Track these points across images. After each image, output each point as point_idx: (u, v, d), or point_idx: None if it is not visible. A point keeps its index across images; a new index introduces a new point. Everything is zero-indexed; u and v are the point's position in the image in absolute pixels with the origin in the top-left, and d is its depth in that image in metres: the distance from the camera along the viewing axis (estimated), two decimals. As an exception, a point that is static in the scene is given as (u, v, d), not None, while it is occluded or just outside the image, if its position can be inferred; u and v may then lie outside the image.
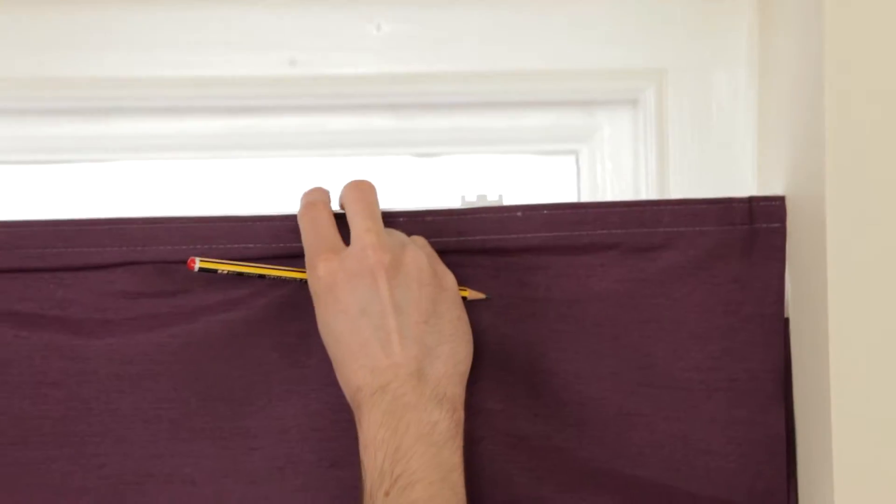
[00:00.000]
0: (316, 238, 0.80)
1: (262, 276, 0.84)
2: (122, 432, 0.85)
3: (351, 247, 0.79)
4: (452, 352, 0.79)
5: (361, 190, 0.81)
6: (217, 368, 0.86)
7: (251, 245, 0.85)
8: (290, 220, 0.84)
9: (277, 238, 0.85)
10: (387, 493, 0.73)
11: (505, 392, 0.87)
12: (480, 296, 0.86)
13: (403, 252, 0.79)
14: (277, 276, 0.84)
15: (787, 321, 0.87)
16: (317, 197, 0.83)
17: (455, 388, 0.78)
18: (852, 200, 0.78)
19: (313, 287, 0.79)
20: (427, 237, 0.84)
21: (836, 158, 0.78)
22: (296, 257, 0.83)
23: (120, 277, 0.85)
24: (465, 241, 0.86)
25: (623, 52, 0.92)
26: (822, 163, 0.78)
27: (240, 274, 0.83)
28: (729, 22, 0.91)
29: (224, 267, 0.83)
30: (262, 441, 0.86)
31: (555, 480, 0.86)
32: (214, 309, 0.86)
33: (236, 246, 0.85)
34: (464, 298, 0.83)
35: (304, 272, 0.81)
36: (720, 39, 0.91)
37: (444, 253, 0.84)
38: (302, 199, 0.83)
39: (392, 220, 0.85)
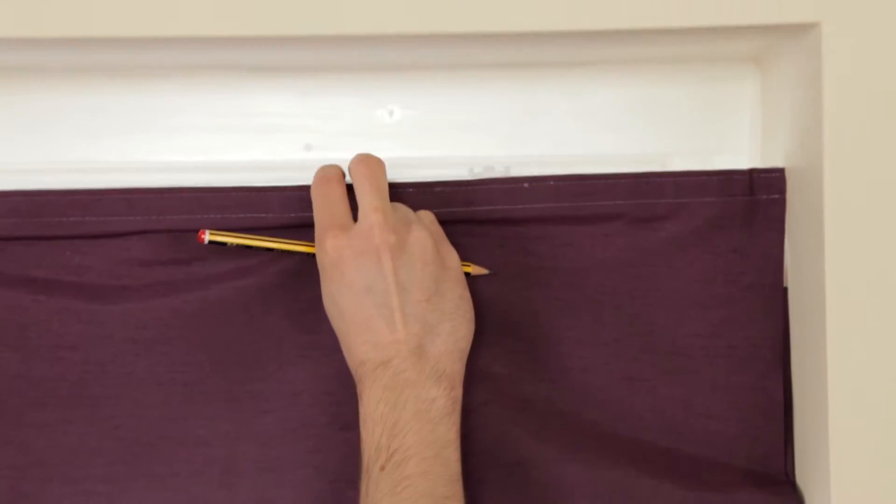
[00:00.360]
0: (327, 213, 0.80)
1: (270, 250, 0.84)
2: (137, 395, 0.86)
3: (358, 224, 0.79)
4: (453, 329, 0.79)
5: (369, 166, 0.81)
6: (230, 333, 0.86)
7: (263, 214, 0.85)
8: (302, 190, 0.84)
9: (288, 208, 0.85)
10: (382, 468, 0.74)
11: (510, 358, 0.87)
12: (483, 271, 0.86)
13: (409, 232, 0.79)
14: (286, 250, 0.84)
15: (785, 290, 0.87)
16: (331, 172, 0.83)
17: (454, 365, 0.79)
18: (850, 172, 0.79)
19: (321, 261, 0.80)
20: (435, 208, 0.85)
21: (833, 131, 0.79)
22: (307, 227, 0.83)
23: (135, 245, 0.86)
24: (473, 212, 0.86)
25: (628, 138, 0.93)
26: (821, 135, 0.79)
27: (249, 247, 0.84)
28: (730, 107, 0.93)
29: (233, 240, 0.83)
30: (274, 404, 0.86)
31: (559, 443, 0.86)
32: (227, 276, 0.86)
33: (249, 215, 0.85)
34: (467, 274, 0.83)
35: (313, 246, 0.82)
36: (721, 123, 0.93)
37: (451, 223, 0.85)
38: (316, 173, 0.83)
39: (402, 190, 0.86)
